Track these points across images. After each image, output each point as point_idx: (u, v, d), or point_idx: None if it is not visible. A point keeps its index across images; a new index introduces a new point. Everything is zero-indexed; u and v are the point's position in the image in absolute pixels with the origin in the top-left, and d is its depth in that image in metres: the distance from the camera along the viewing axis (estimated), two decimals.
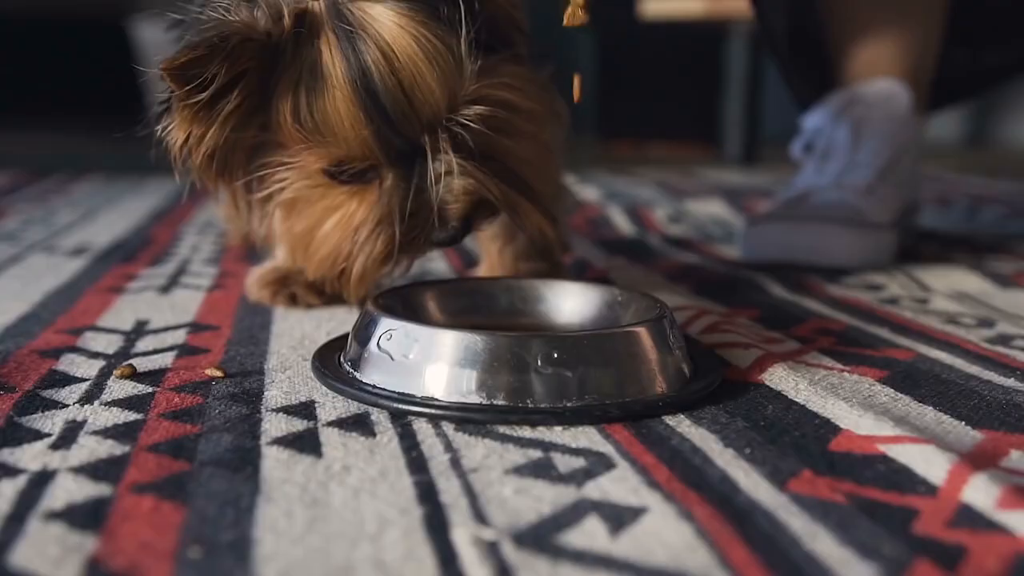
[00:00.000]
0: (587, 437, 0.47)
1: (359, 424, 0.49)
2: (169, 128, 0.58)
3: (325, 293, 0.72)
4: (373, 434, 0.47)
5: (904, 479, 0.43)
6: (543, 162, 0.62)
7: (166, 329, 0.67)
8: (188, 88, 0.54)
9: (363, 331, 0.54)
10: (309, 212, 0.60)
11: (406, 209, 0.57)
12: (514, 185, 0.59)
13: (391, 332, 0.52)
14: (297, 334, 0.66)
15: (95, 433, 0.47)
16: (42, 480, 0.41)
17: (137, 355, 0.61)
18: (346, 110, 0.55)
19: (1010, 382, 0.57)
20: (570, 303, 0.62)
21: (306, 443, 0.46)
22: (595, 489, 0.41)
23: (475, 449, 0.45)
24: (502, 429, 0.48)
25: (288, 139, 0.58)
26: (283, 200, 0.61)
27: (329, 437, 0.47)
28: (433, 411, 0.49)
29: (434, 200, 0.57)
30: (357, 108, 0.54)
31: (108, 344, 0.63)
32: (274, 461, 0.44)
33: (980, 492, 0.40)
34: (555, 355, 0.49)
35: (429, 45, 0.54)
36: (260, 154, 0.60)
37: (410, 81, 0.54)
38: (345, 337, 0.58)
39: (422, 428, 0.48)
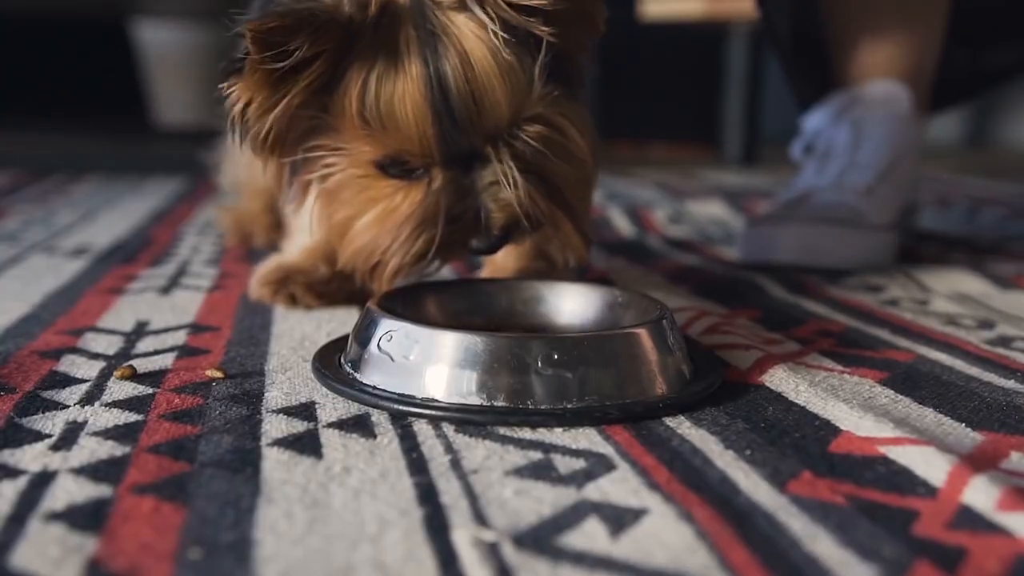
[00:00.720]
0: (587, 438, 0.47)
1: (359, 425, 0.49)
2: (234, 88, 0.59)
3: (324, 295, 0.73)
4: (373, 435, 0.47)
5: (904, 481, 0.43)
6: (586, 188, 0.64)
7: (166, 330, 0.67)
8: (266, 54, 0.55)
9: (363, 332, 0.54)
10: (352, 201, 0.61)
11: (451, 211, 0.58)
12: (560, 204, 0.61)
13: (391, 333, 0.52)
14: (297, 335, 0.66)
15: (95, 434, 0.47)
16: (42, 481, 0.41)
17: (137, 356, 0.61)
18: (415, 105, 0.56)
19: (1010, 384, 0.57)
20: (570, 304, 0.62)
21: (306, 444, 0.46)
22: (595, 490, 0.41)
23: (475, 450, 0.46)
24: (502, 430, 0.48)
25: (346, 125, 0.58)
26: (328, 186, 0.61)
27: (329, 438, 0.47)
28: (433, 412, 0.49)
29: (480, 207, 0.58)
30: (426, 105, 0.56)
31: (108, 345, 0.63)
32: (274, 462, 0.44)
33: (980, 494, 0.40)
34: (555, 356, 0.49)
35: (504, 61, 0.56)
36: (314, 135, 0.61)
37: (481, 90, 0.56)
38: (345, 338, 0.58)
39: (422, 429, 0.48)
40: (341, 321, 0.70)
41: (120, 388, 0.54)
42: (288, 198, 0.66)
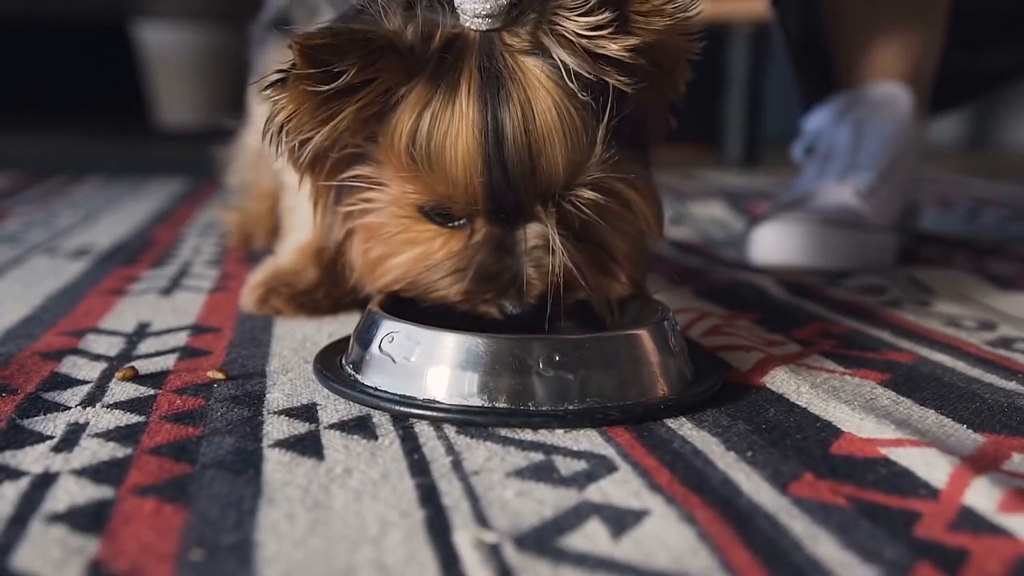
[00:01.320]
0: (588, 440, 0.47)
1: (361, 427, 0.49)
2: (279, 100, 0.54)
3: (306, 305, 0.72)
4: (375, 437, 0.47)
5: (905, 482, 0.43)
6: (642, 260, 0.59)
7: (168, 331, 0.67)
8: (313, 71, 0.51)
9: (365, 333, 0.54)
10: (389, 240, 0.58)
11: (486, 268, 0.54)
12: (611, 275, 0.57)
13: (393, 335, 0.52)
14: (299, 336, 0.66)
15: (97, 435, 0.47)
16: (44, 482, 0.41)
17: (139, 357, 0.61)
18: (466, 152, 0.52)
19: (1011, 385, 0.57)
20: None
21: (308, 446, 0.46)
22: (596, 492, 0.41)
23: (477, 452, 0.46)
24: (504, 432, 0.48)
25: (392, 159, 0.55)
26: (366, 221, 0.58)
27: (331, 440, 0.47)
28: (435, 414, 0.49)
29: (519, 269, 0.54)
30: (478, 153, 0.51)
31: (110, 346, 0.63)
32: (276, 464, 0.44)
33: (982, 495, 0.40)
34: (556, 358, 0.49)
35: (568, 117, 0.52)
36: (357, 164, 0.57)
37: (539, 145, 0.52)
38: (347, 339, 0.58)
39: (424, 431, 0.48)
40: (342, 323, 0.70)
41: (121, 389, 0.54)
42: (329, 226, 0.62)
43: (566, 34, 0.52)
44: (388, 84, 0.53)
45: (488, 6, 0.52)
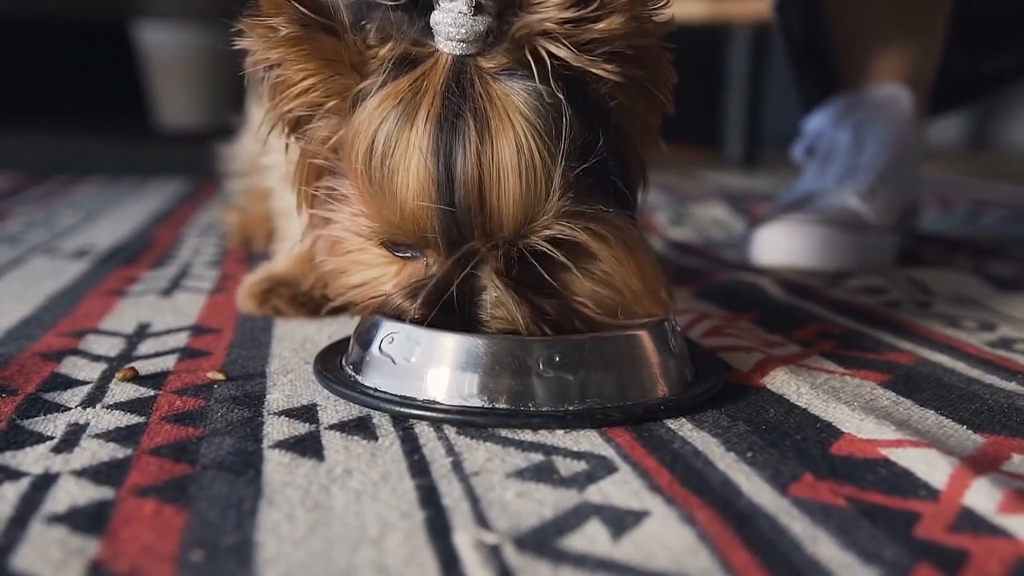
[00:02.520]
0: (589, 440, 0.47)
1: (361, 427, 0.49)
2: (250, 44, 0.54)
3: (307, 306, 0.72)
4: (375, 437, 0.47)
5: (906, 483, 0.43)
6: (620, 310, 0.54)
7: (168, 332, 0.67)
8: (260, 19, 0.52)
9: (365, 334, 0.54)
10: (344, 258, 0.56)
11: (435, 304, 0.51)
12: (584, 320, 0.53)
13: (393, 335, 0.52)
14: (299, 337, 0.66)
15: (97, 436, 0.47)
16: (44, 483, 0.41)
17: (139, 358, 0.61)
18: (416, 180, 0.49)
19: (1011, 386, 0.57)
20: None
21: (308, 446, 0.46)
22: (597, 493, 0.41)
23: (477, 452, 0.46)
24: (504, 432, 0.48)
25: (351, 175, 0.52)
26: (326, 233, 0.57)
27: (331, 440, 0.47)
28: (435, 414, 0.49)
29: (475, 312, 0.51)
30: (428, 184, 0.48)
31: (110, 347, 0.63)
32: (276, 464, 0.44)
33: (982, 496, 0.40)
34: (556, 358, 0.49)
35: (528, 155, 0.48)
36: (330, 178, 0.55)
37: (492, 183, 0.48)
38: (347, 340, 0.58)
39: (424, 431, 0.48)
40: (342, 323, 0.70)
41: (122, 390, 0.54)
42: (303, 233, 0.61)
43: (549, 29, 0.49)
44: (331, 72, 0.52)
45: (463, 31, 0.49)
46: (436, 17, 0.50)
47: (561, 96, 0.49)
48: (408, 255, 0.53)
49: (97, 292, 0.80)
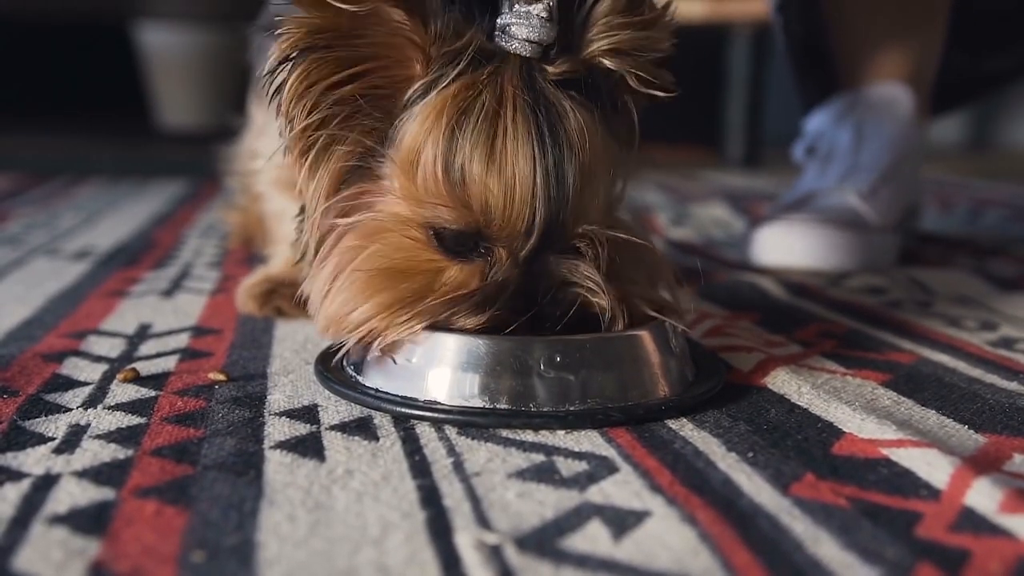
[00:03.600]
0: (590, 441, 0.47)
1: (362, 428, 0.49)
2: (285, 31, 0.49)
3: None
4: (376, 438, 0.47)
5: (907, 483, 0.43)
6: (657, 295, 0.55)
7: (169, 333, 0.67)
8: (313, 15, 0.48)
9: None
10: (381, 254, 0.52)
11: (514, 297, 0.50)
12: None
13: None
14: (300, 338, 0.66)
15: (98, 437, 0.47)
16: (45, 484, 0.41)
17: (140, 359, 0.61)
18: (523, 186, 0.48)
19: (1013, 385, 0.57)
20: None
21: (309, 447, 0.46)
22: (598, 493, 0.41)
23: (478, 453, 0.46)
24: (505, 433, 0.48)
25: (407, 178, 0.50)
26: (357, 232, 0.52)
27: (332, 441, 0.47)
28: (436, 415, 0.49)
29: (555, 302, 0.50)
30: (537, 189, 0.48)
31: (111, 348, 0.63)
32: (277, 465, 0.44)
33: (983, 496, 0.40)
34: (558, 359, 0.49)
35: (607, 156, 0.51)
36: (357, 179, 0.53)
37: (588, 182, 0.50)
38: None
39: (425, 432, 0.48)
40: None
41: (123, 391, 0.54)
42: (312, 240, 0.55)
43: (615, 45, 0.51)
44: (397, 59, 0.50)
45: (539, 35, 0.50)
46: (508, 19, 0.50)
47: (607, 105, 0.51)
48: (471, 256, 0.51)
49: (98, 293, 0.80)
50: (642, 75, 0.53)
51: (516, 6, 0.50)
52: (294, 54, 0.50)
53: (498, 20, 0.51)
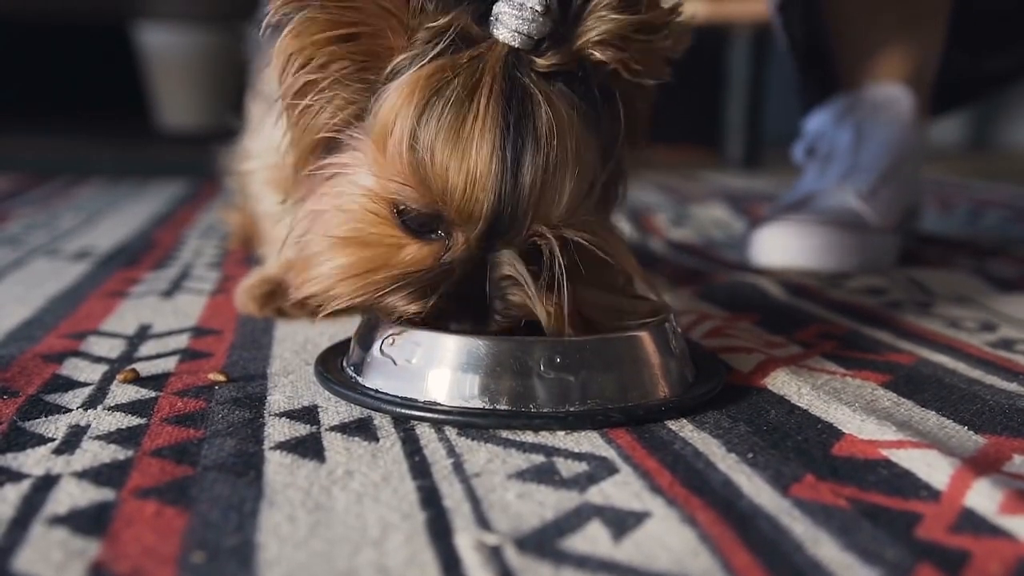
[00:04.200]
0: (590, 442, 0.47)
1: (362, 429, 0.49)
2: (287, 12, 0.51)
3: (311, 306, 0.71)
4: (376, 439, 0.47)
5: (907, 484, 0.43)
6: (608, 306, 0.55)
7: (169, 333, 0.67)
8: None
9: (366, 336, 0.54)
10: (345, 227, 0.53)
11: (454, 291, 0.50)
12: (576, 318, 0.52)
13: (394, 337, 0.52)
14: (300, 338, 0.66)
15: (98, 437, 0.47)
16: (45, 485, 0.41)
17: (140, 359, 0.61)
18: (481, 167, 0.48)
19: (1013, 386, 0.57)
20: None
21: (309, 448, 0.46)
22: (598, 494, 0.41)
23: (478, 454, 0.46)
24: (505, 434, 0.48)
25: (379, 153, 0.51)
26: (324, 204, 0.54)
27: (332, 442, 0.47)
28: (436, 416, 0.49)
29: (491, 296, 0.50)
30: (497, 172, 0.48)
31: (111, 348, 0.63)
32: (277, 466, 0.44)
33: (983, 497, 0.40)
34: (558, 359, 0.49)
35: (581, 153, 0.50)
36: (335, 151, 0.54)
37: (551, 176, 0.49)
38: (348, 342, 0.58)
39: (425, 433, 0.48)
40: (344, 325, 0.70)
41: (123, 392, 0.54)
42: (290, 200, 0.59)
43: (607, 37, 0.51)
44: (379, 28, 0.51)
45: (531, 27, 0.50)
46: (502, 7, 0.50)
47: (598, 99, 0.51)
48: (430, 236, 0.51)
49: (98, 294, 0.80)
50: (635, 67, 0.52)
51: None
52: (288, 12, 0.51)
53: (493, 6, 0.51)
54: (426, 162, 0.49)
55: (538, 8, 0.50)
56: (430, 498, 0.40)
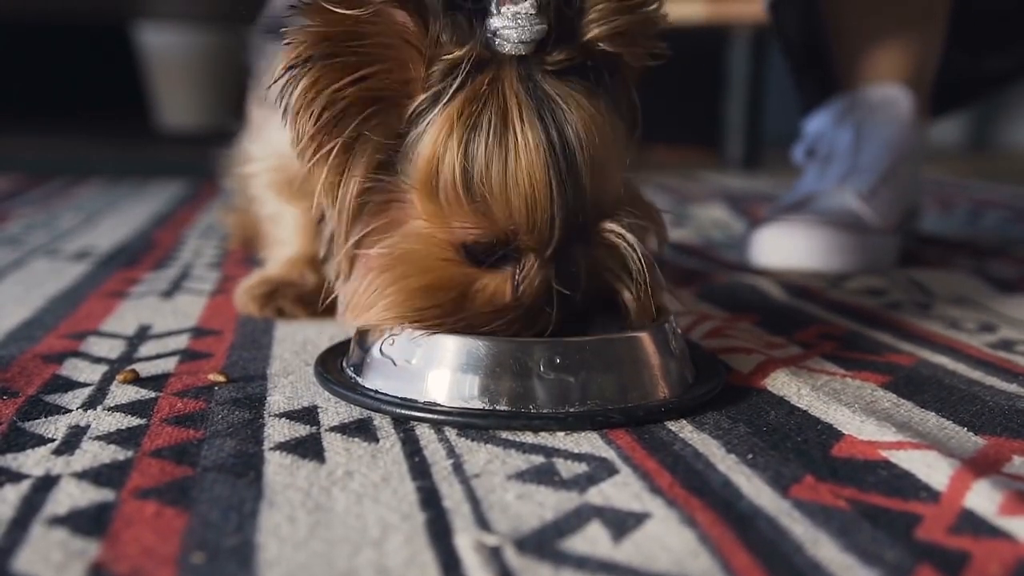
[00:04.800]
0: (589, 442, 0.47)
1: (362, 429, 0.49)
2: (295, 38, 0.49)
3: (312, 306, 0.72)
4: (376, 439, 0.47)
5: (906, 485, 0.43)
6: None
7: (169, 334, 0.67)
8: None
9: (366, 336, 0.54)
10: (416, 280, 0.52)
11: (545, 302, 0.50)
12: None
13: (394, 337, 0.52)
14: (299, 339, 0.66)
15: (98, 438, 0.47)
16: (45, 485, 0.41)
17: (140, 360, 0.61)
18: (536, 177, 0.48)
19: (1012, 387, 0.57)
20: None
21: (309, 448, 0.46)
22: (597, 495, 0.41)
23: (477, 454, 0.46)
24: (504, 434, 0.48)
25: (427, 193, 0.50)
26: (382, 259, 0.52)
27: (332, 442, 0.47)
28: (435, 416, 0.49)
29: (570, 294, 0.50)
30: (551, 177, 0.48)
31: (111, 349, 0.63)
32: (277, 466, 0.44)
33: (982, 498, 0.40)
34: (557, 360, 0.49)
35: (614, 136, 0.51)
36: (373, 201, 0.53)
37: (601, 164, 0.50)
38: (348, 342, 0.58)
39: (425, 433, 0.48)
40: (343, 325, 0.70)
41: (122, 392, 0.54)
42: (333, 266, 0.57)
43: (611, 30, 0.51)
44: (398, 61, 0.50)
45: (527, 32, 0.50)
46: (497, 23, 0.50)
47: (610, 87, 0.52)
48: (499, 265, 0.51)
49: (98, 294, 0.80)
50: (637, 51, 0.54)
51: (503, 8, 0.50)
52: (301, 62, 0.50)
53: (489, 24, 0.50)
54: (486, 197, 0.49)
55: (531, 11, 0.50)
56: (430, 499, 0.40)
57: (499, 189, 0.49)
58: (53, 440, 0.47)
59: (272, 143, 0.70)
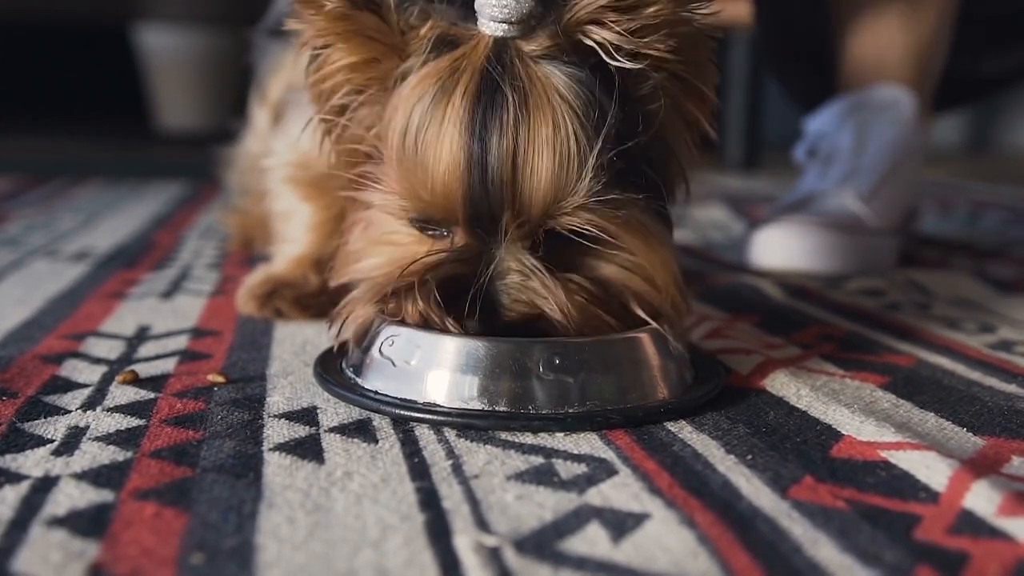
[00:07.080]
0: (589, 443, 0.47)
1: (361, 430, 0.49)
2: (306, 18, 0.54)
3: (311, 308, 0.72)
4: (375, 440, 0.47)
5: (905, 485, 0.43)
6: (656, 297, 0.53)
7: (168, 335, 0.67)
8: None
9: (366, 337, 0.54)
10: (370, 238, 0.56)
11: (451, 285, 0.50)
12: (613, 313, 0.52)
13: (393, 338, 0.52)
14: (299, 340, 0.66)
15: (97, 439, 0.47)
16: (44, 486, 0.41)
17: (139, 361, 0.61)
18: (449, 154, 0.49)
19: (1011, 388, 0.57)
20: None
21: (308, 449, 0.46)
22: (597, 495, 0.41)
23: (477, 455, 0.46)
24: (504, 435, 0.48)
25: (388, 157, 0.53)
26: (365, 216, 0.57)
27: (331, 443, 0.47)
28: (435, 417, 0.49)
29: (491, 292, 0.50)
30: (461, 158, 0.49)
31: (110, 350, 0.63)
32: (276, 467, 0.44)
33: (982, 498, 0.40)
34: (557, 361, 0.49)
35: (564, 136, 0.48)
36: (370, 162, 0.56)
37: (525, 160, 0.48)
38: (347, 343, 0.58)
39: (424, 434, 0.48)
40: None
41: (122, 393, 0.54)
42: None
43: (599, 16, 0.50)
44: (373, 54, 0.54)
45: (507, 12, 0.50)
46: (481, 1, 0.51)
47: (598, 82, 0.50)
48: (438, 233, 0.53)
49: (97, 295, 0.80)
50: (627, 46, 0.51)
51: None
52: (318, 45, 0.55)
53: (475, 3, 0.51)
54: (415, 166, 0.50)
55: None
56: (429, 499, 0.40)
57: (424, 161, 0.50)
58: (52, 441, 0.47)
59: (293, 139, 0.71)
